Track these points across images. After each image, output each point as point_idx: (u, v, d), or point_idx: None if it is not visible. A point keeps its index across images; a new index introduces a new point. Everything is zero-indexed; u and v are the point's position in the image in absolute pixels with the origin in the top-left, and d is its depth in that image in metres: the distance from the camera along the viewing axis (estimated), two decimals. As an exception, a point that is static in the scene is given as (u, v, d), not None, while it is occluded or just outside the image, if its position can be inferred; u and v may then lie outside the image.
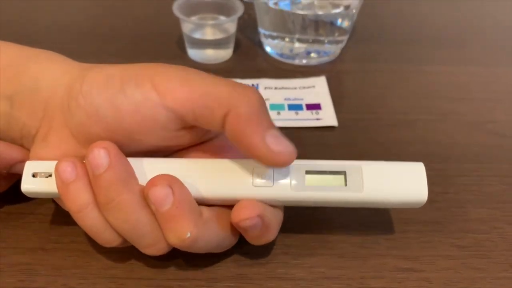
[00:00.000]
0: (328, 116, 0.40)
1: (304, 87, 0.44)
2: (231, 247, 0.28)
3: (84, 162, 0.25)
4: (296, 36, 0.46)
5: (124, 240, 0.25)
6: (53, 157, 0.26)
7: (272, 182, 0.25)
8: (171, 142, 0.26)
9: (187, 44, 0.47)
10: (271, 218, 0.25)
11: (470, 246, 0.30)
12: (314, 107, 0.41)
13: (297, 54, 0.47)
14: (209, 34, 0.47)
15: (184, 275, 0.28)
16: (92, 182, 0.24)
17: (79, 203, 0.24)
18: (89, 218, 0.25)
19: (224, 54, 0.47)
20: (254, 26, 0.50)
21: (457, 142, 0.38)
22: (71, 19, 0.54)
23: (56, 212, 0.31)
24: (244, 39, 0.51)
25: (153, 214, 0.24)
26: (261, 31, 0.48)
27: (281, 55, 0.48)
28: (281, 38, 0.47)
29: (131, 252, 0.26)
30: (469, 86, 0.45)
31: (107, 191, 0.24)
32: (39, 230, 0.30)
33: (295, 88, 0.44)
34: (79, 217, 0.25)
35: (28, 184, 0.26)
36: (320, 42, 0.46)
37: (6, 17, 0.53)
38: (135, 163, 0.25)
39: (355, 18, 0.47)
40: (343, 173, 0.25)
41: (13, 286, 0.27)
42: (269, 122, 0.24)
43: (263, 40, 0.49)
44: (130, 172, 0.25)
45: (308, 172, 0.25)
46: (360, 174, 0.25)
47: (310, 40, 0.46)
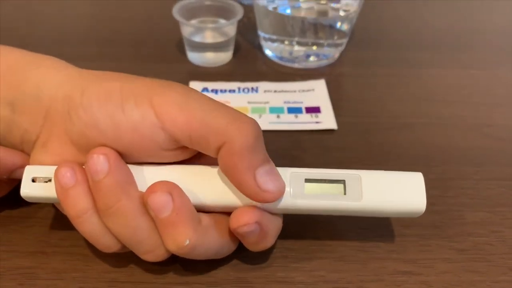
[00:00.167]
0: (327, 119, 0.40)
1: (303, 90, 0.44)
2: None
3: (83, 167, 0.25)
4: (296, 39, 0.46)
5: (123, 245, 0.25)
6: (53, 162, 0.26)
7: None
8: (167, 159, 0.26)
9: (187, 48, 0.47)
10: (269, 225, 0.25)
11: (469, 249, 0.30)
12: (314, 110, 0.42)
13: (296, 57, 0.47)
14: (209, 38, 0.47)
15: (184, 279, 0.28)
16: (92, 187, 0.24)
17: (78, 209, 0.24)
18: (88, 223, 0.25)
19: (224, 57, 0.48)
20: (253, 29, 0.50)
21: (456, 146, 0.38)
22: (71, 23, 0.54)
23: (56, 215, 0.31)
24: (243, 42, 0.51)
25: (152, 220, 0.24)
26: (260, 34, 0.49)
27: (280, 58, 0.48)
28: (280, 41, 0.47)
29: (131, 256, 0.26)
30: (468, 90, 0.45)
31: (106, 197, 0.24)
32: (39, 234, 0.30)
33: (295, 91, 0.44)
34: (78, 222, 0.25)
35: (28, 189, 0.26)
36: (320, 45, 0.47)
37: (7, 20, 0.53)
38: (134, 169, 0.25)
39: (354, 21, 0.47)
40: (343, 182, 0.26)
41: (13, 290, 0.27)
42: (262, 157, 0.24)
43: (263, 43, 0.49)
44: (129, 178, 0.25)
45: (308, 181, 0.26)
46: (359, 183, 0.25)
47: (310, 43, 0.46)
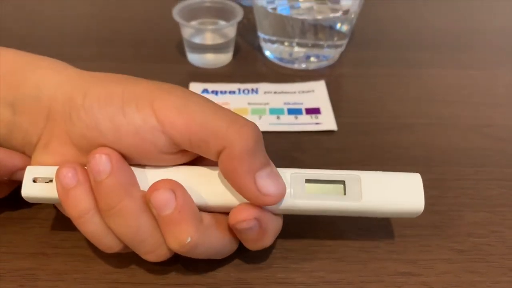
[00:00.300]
0: (327, 120, 0.40)
1: (303, 92, 0.44)
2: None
3: (85, 167, 0.25)
4: (296, 40, 0.46)
5: (125, 246, 0.26)
6: (54, 163, 0.26)
7: None
8: (167, 163, 0.26)
9: (187, 49, 0.47)
10: (268, 223, 0.25)
11: (469, 250, 0.30)
12: (314, 111, 0.42)
13: (296, 58, 0.47)
14: (208, 39, 0.47)
15: (185, 279, 0.28)
16: (94, 188, 0.24)
17: (80, 209, 0.24)
18: (89, 224, 0.25)
19: (224, 58, 0.48)
20: (253, 30, 0.50)
21: (455, 146, 0.38)
22: (71, 23, 0.54)
23: (57, 216, 0.31)
24: (243, 43, 0.51)
25: (154, 220, 0.24)
26: (260, 35, 0.49)
27: (280, 59, 0.48)
28: (280, 43, 0.47)
29: (132, 257, 0.27)
30: (467, 90, 0.45)
31: (108, 197, 0.24)
32: (40, 235, 0.30)
33: (295, 92, 0.44)
34: (80, 223, 0.25)
35: (29, 189, 0.26)
36: (320, 47, 0.47)
37: (6, 21, 0.53)
38: (137, 170, 0.25)
39: (354, 22, 0.47)
40: (342, 182, 0.26)
41: (14, 291, 0.27)
42: (262, 160, 0.24)
43: (263, 44, 0.49)
44: (132, 179, 0.25)
45: (308, 181, 0.26)
46: (358, 184, 0.26)
47: (310, 45, 0.47)
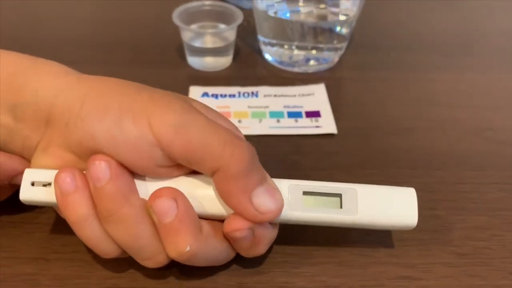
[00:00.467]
0: (327, 124, 0.41)
1: (303, 95, 0.44)
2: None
3: (84, 172, 0.25)
4: (295, 43, 0.46)
5: (123, 251, 0.26)
6: (54, 166, 0.26)
7: None
8: (163, 175, 0.26)
9: (187, 52, 0.47)
10: (262, 233, 0.26)
11: (469, 253, 0.30)
12: (314, 114, 0.42)
13: (296, 61, 0.47)
14: (208, 42, 0.47)
15: (185, 284, 0.28)
16: (93, 194, 0.24)
17: (78, 215, 0.24)
18: (87, 229, 0.25)
19: (224, 61, 0.48)
20: (253, 33, 0.50)
21: (456, 150, 0.38)
22: (71, 27, 0.54)
23: (57, 221, 0.31)
24: (243, 46, 0.51)
25: (153, 227, 0.24)
26: (260, 38, 0.49)
27: (280, 62, 0.48)
28: (280, 46, 0.47)
29: (133, 261, 0.26)
30: (468, 93, 0.45)
31: (108, 204, 0.24)
32: (41, 240, 0.30)
33: (295, 95, 0.44)
34: (78, 228, 0.25)
35: (27, 193, 0.26)
36: (319, 49, 0.47)
37: (7, 24, 0.53)
38: (137, 177, 0.25)
39: (353, 25, 0.47)
40: (339, 195, 0.27)
41: (15, 297, 0.27)
42: (258, 178, 0.25)
43: (263, 47, 0.49)
44: (131, 186, 0.25)
45: (306, 193, 0.26)
46: (355, 197, 0.26)
47: (309, 47, 0.47)
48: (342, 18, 0.46)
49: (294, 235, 0.30)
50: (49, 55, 0.29)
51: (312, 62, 0.47)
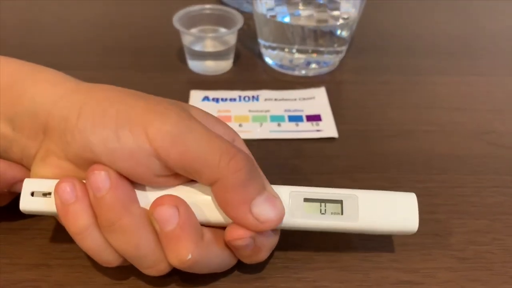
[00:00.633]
0: (328, 128, 0.41)
1: (304, 98, 0.44)
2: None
3: (84, 182, 0.25)
4: (296, 47, 0.46)
5: (124, 260, 0.26)
6: (53, 175, 0.26)
7: None
8: (162, 184, 0.26)
9: (187, 56, 0.47)
10: (264, 241, 0.26)
11: (470, 258, 0.30)
12: (314, 118, 0.42)
13: (296, 65, 0.47)
14: (209, 46, 0.47)
15: (186, 290, 0.28)
16: (93, 204, 0.24)
17: (79, 225, 0.24)
18: (89, 239, 0.25)
19: (225, 65, 0.48)
20: (253, 36, 0.50)
21: (457, 153, 0.38)
22: (71, 32, 0.54)
23: (58, 227, 0.31)
24: (243, 50, 0.51)
25: (155, 236, 0.24)
26: (260, 42, 0.49)
27: (281, 66, 0.48)
28: (280, 49, 0.47)
29: (135, 268, 0.26)
30: (468, 97, 0.45)
31: (108, 214, 0.24)
32: (42, 246, 0.30)
33: (295, 99, 0.44)
34: (79, 238, 0.25)
35: (27, 203, 0.26)
36: (320, 53, 0.47)
37: (6, 29, 0.53)
38: (137, 186, 0.25)
39: (354, 28, 0.47)
40: (340, 202, 0.27)
41: (17, 303, 0.27)
42: (257, 187, 0.24)
43: (263, 50, 0.49)
44: (131, 195, 0.25)
45: (307, 200, 0.26)
46: (356, 203, 0.26)
47: (310, 51, 0.47)
48: (343, 21, 0.46)
49: (295, 240, 0.30)
50: (48, 59, 0.29)
51: (312, 66, 0.47)
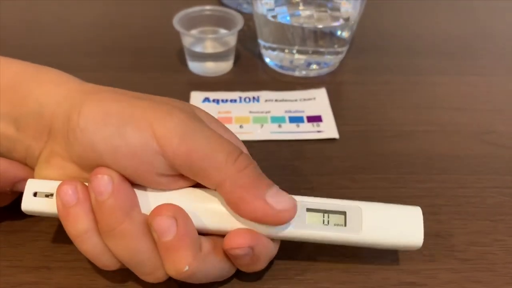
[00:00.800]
0: (329, 128, 0.40)
1: (304, 99, 0.44)
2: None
3: (86, 185, 0.25)
4: (296, 47, 0.46)
5: (123, 264, 0.25)
6: (57, 177, 0.26)
7: None
8: (164, 186, 0.25)
9: (187, 57, 0.47)
10: (262, 250, 0.25)
11: (472, 259, 0.30)
12: (315, 119, 0.42)
13: (297, 65, 0.47)
14: (209, 47, 0.47)
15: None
16: (94, 208, 0.24)
17: (79, 228, 0.24)
18: (88, 243, 0.25)
19: (225, 66, 0.48)
20: (253, 37, 0.50)
21: (457, 154, 0.38)
22: (71, 33, 0.54)
23: (59, 229, 0.31)
24: (244, 50, 0.51)
25: (154, 243, 0.24)
26: (260, 42, 0.49)
27: (281, 66, 0.48)
28: (281, 50, 0.47)
29: (135, 270, 0.27)
30: (468, 97, 0.45)
31: (109, 219, 0.24)
32: (43, 248, 0.30)
33: (296, 100, 0.44)
34: (78, 241, 0.25)
35: (29, 203, 0.26)
36: (320, 53, 0.47)
37: (6, 30, 0.53)
38: (138, 191, 0.25)
39: (354, 28, 0.47)
40: (344, 213, 0.26)
41: (18, 306, 0.27)
42: (266, 182, 0.24)
43: (263, 51, 0.49)
44: (133, 200, 0.25)
45: (309, 210, 0.26)
46: (359, 215, 0.26)
47: (310, 52, 0.47)
48: (343, 22, 0.46)
49: (297, 242, 0.30)
50: (48, 60, 0.29)
51: (313, 66, 0.47)
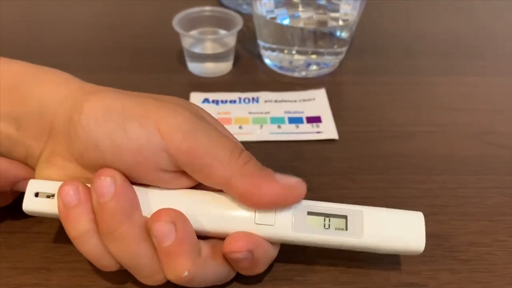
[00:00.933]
0: (328, 129, 0.40)
1: (304, 100, 0.44)
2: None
3: (88, 186, 0.25)
4: (295, 48, 0.46)
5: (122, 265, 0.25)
6: (58, 177, 0.26)
7: (273, 220, 0.25)
8: (166, 183, 0.25)
9: (187, 58, 0.47)
10: (262, 254, 0.25)
11: (472, 259, 0.30)
12: (315, 120, 0.42)
13: (296, 66, 0.47)
14: (209, 48, 0.47)
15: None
16: (96, 209, 0.24)
17: (79, 229, 0.24)
18: (88, 244, 0.25)
19: (224, 67, 0.48)
20: (253, 38, 0.50)
21: (457, 154, 0.38)
22: (71, 33, 0.54)
23: (59, 230, 0.31)
24: (243, 51, 0.51)
25: (153, 247, 0.24)
26: (260, 43, 0.49)
27: (280, 67, 0.48)
28: (280, 51, 0.47)
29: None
30: (468, 97, 0.45)
31: (110, 221, 0.24)
32: (43, 249, 0.30)
33: (295, 101, 0.44)
34: (78, 242, 0.25)
35: (30, 204, 0.26)
36: (320, 54, 0.47)
37: (6, 31, 0.53)
38: (140, 192, 0.25)
39: (354, 29, 0.47)
40: (345, 217, 0.26)
41: (18, 308, 0.27)
42: (271, 170, 0.25)
43: (263, 52, 0.49)
44: (134, 203, 0.25)
45: (310, 213, 0.26)
46: (361, 219, 0.26)
47: (310, 52, 0.47)
48: (342, 23, 0.46)
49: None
50: (48, 60, 0.29)
51: (312, 67, 0.47)
